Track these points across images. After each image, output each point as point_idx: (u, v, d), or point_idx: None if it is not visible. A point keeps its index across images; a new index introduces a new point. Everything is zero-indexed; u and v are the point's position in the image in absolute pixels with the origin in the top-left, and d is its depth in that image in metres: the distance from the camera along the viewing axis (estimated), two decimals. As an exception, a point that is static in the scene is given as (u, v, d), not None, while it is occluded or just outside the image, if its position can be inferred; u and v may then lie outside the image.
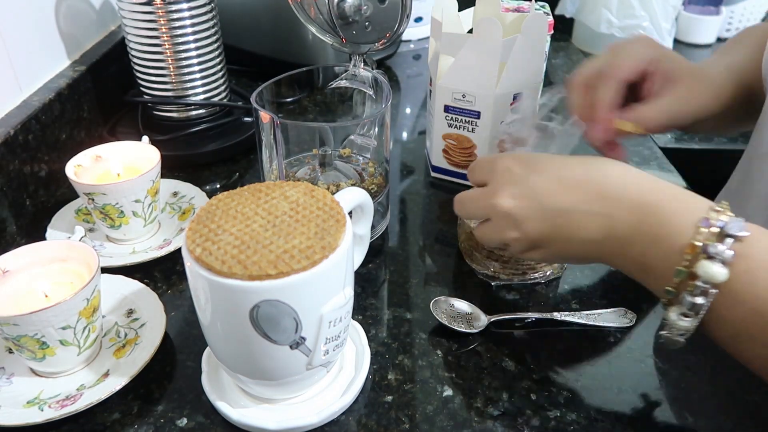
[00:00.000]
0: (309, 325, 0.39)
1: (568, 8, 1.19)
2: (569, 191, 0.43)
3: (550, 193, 0.43)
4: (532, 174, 0.44)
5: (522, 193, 0.44)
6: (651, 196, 0.41)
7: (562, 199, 0.43)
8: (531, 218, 0.44)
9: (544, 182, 0.43)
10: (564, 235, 0.43)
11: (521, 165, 0.45)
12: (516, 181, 0.44)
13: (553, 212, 0.43)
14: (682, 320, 0.39)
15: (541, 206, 0.43)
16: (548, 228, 0.43)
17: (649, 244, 0.40)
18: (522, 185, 0.44)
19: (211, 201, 0.42)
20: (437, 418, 0.45)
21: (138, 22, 0.70)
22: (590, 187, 0.42)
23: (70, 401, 0.44)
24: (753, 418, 0.45)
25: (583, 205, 0.42)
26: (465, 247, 0.59)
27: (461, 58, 0.63)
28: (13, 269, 0.47)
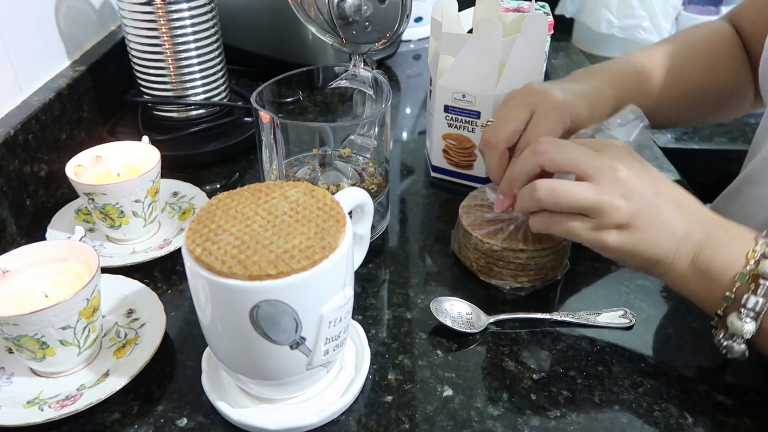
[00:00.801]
0: (309, 325, 0.39)
1: (568, 8, 1.19)
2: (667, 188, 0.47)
3: (656, 178, 0.47)
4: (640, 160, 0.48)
5: (637, 169, 0.46)
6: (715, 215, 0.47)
7: (666, 194, 0.46)
8: (641, 195, 0.45)
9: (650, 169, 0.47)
10: (656, 222, 0.46)
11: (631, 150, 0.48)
12: (633, 158, 0.47)
13: (656, 196, 0.46)
14: (744, 323, 0.43)
15: (649, 188, 0.46)
16: (650, 212, 0.46)
17: (716, 248, 0.45)
18: (636, 164, 0.47)
19: (211, 201, 0.42)
20: (437, 418, 0.45)
21: (138, 22, 0.70)
22: (679, 194, 0.47)
23: (70, 401, 0.44)
24: (752, 418, 0.45)
25: (674, 204, 0.46)
26: (481, 265, 0.56)
27: (461, 58, 0.63)
28: (13, 269, 0.47)
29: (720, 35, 0.68)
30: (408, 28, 1.04)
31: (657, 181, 0.47)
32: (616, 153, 0.47)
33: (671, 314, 0.54)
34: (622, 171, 0.46)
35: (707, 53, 0.66)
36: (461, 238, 0.58)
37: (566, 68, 1.07)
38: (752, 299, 0.42)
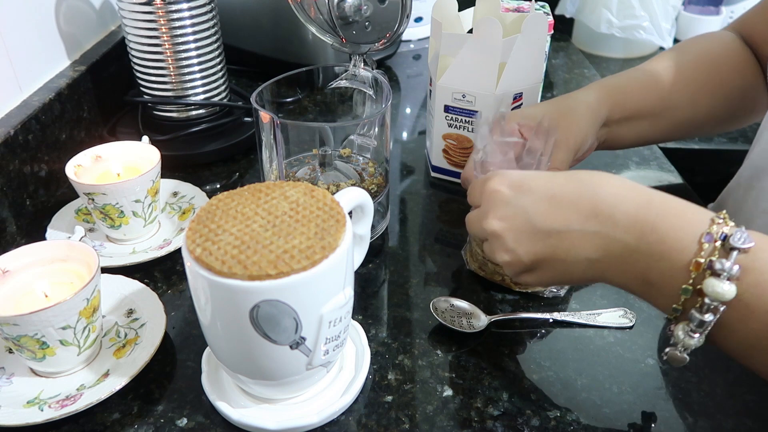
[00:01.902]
0: (309, 325, 0.39)
1: (568, 8, 1.19)
2: (561, 210, 0.41)
3: (541, 213, 0.41)
4: (521, 194, 0.42)
5: (511, 214, 0.43)
6: (647, 212, 0.39)
7: (554, 219, 0.41)
8: (522, 240, 0.42)
9: (534, 202, 0.42)
10: (559, 257, 0.42)
11: (510, 185, 0.43)
12: (505, 202, 0.43)
13: (545, 233, 0.41)
14: (689, 337, 0.38)
15: (532, 227, 0.42)
16: (541, 249, 0.42)
17: (650, 262, 0.39)
18: (511, 206, 0.43)
19: (211, 201, 0.42)
20: (437, 418, 0.45)
21: (138, 22, 0.70)
22: (583, 205, 0.40)
23: (70, 401, 0.44)
24: (752, 418, 0.45)
25: (576, 225, 0.40)
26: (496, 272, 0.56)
27: (461, 58, 0.63)
28: (13, 269, 0.47)
29: (723, 43, 0.67)
30: (408, 28, 1.05)
31: (543, 207, 0.41)
32: (487, 203, 0.44)
33: (671, 314, 0.54)
34: (492, 224, 0.43)
35: (709, 59, 0.66)
36: (482, 255, 0.55)
37: (566, 68, 1.07)
38: (697, 316, 0.37)
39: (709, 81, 0.65)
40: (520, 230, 0.42)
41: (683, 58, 0.66)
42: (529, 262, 0.43)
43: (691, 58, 0.66)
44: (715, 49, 0.67)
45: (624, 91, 0.63)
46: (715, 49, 0.67)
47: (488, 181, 0.45)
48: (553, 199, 0.41)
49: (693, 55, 0.66)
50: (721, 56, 0.66)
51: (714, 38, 0.68)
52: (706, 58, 0.66)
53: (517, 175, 0.44)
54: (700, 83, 0.65)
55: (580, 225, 0.40)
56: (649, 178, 0.75)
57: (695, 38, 0.70)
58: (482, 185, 0.46)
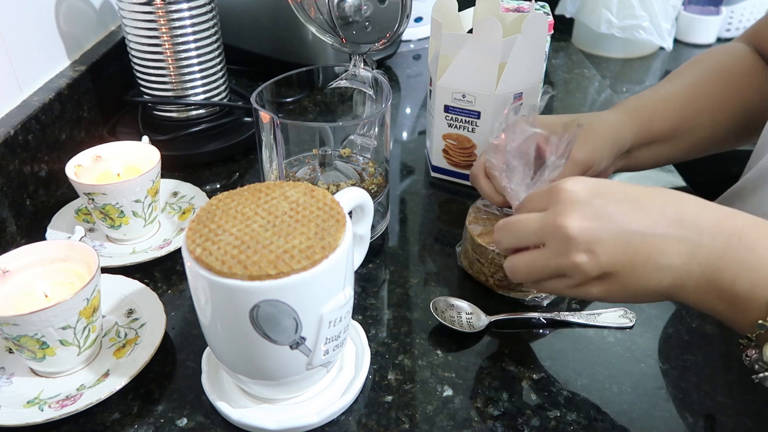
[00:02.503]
0: (309, 325, 0.39)
1: (568, 8, 1.19)
2: (646, 212, 0.39)
3: (626, 213, 0.39)
4: (599, 196, 0.40)
5: (593, 213, 0.39)
6: (733, 220, 0.37)
7: (638, 221, 0.38)
8: (605, 240, 0.39)
9: (617, 203, 0.39)
10: (640, 261, 0.38)
11: (586, 187, 0.40)
12: (585, 202, 0.40)
13: (629, 234, 0.38)
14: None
15: (616, 227, 0.38)
16: (622, 252, 0.39)
17: (739, 271, 0.36)
18: (592, 206, 0.39)
19: (211, 201, 0.42)
20: (437, 418, 0.45)
21: (138, 22, 0.70)
22: (666, 210, 0.38)
23: (70, 401, 0.44)
24: (752, 418, 0.45)
25: (661, 228, 0.38)
26: (498, 279, 0.54)
27: (461, 58, 0.63)
28: (13, 269, 0.47)
29: (737, 56, 0.67)
30: (408, 28, 1.05)
31: (625, 208, 0.39)
32: (562, 204, 0.40)
33: (671, 314, 0.54)
34: (571, 223, 0.39)
35: (726, 73, 0.65)
36: (473, 253, 0.56)
37: (566, 68, 1.07)
38: None
39: (727, 97, 0.64)
40: (602, 230, 0.39)
41: (701, 75, 0.65)
42: (607, 265, 0.39)
43: (708, 74, 0.65)
44: (730, 64, 0.66)
45: (649, 116, 0.62)
46: (730, 63, 0.66)
47: (561, 183, 0.41)
48: (638, 201, 0.39)
49: (710, 72, 0.66)
50: (738, 70, 0.65)
51: (728, 52, 0.68)
52: (723, 74, 0.65)
53: (593, 179, 0.41)
54: (719, 100, 0.64)
55: (665, 229, 0.38)
56: (650, 178, 0.75)
57: (710, 53, 0.69)
58: (550, 189, 0.42)
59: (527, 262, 0.43)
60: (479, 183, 0.59)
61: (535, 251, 0.42)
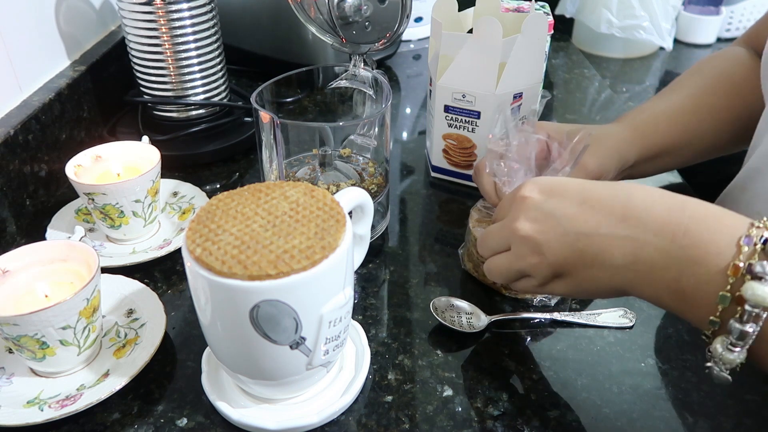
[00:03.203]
0: (309, 325, 0.39)
1: (568, 8, 1.19)
2: (591, 213, 0.40)
3: (571, 216, 0.40)
4: (552, 198, 0.42)
5: (541, 217, 0.41)
6: (681, 215, 0.37)
7: (583, 222, 0.40)
8: (551, 242, 0.41)
9: (564, 205, 0.41)
10: (587, 261, 0.40)
11: (540, 190, 0.43)
12: (536, 206, 0.42)
13: (574, 235, 0.40)
14: (729, 351, 0.35)
15: (562, 229, 0.40)
16: (569, 252, 0.40)
17: (683, 268, 0.36)
18: (541, 210, 0.42)
19: (211, 201, 0.42)
20: (437, 418, 0.45)
21: (138, 22, 0.70)
22: (614, 209, 0.39)
23: (70, 401, 0.44)
24: (752, 418, 0.45)
25: (605, 228, 0.39)
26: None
27: (461, 58, 0.63)
28: (13, 269, 0.47)
29: (737, 61, 0.66)
30: (408, 28, 1.05)
31: (573, 210, 0.40)
32: (516, 208, 0.43)
33: (671, 314, 0.54)
34: (522, 227, 0.42)
35: (727, 81, 0.65)
36: (478, 257, 0.55)
37: (566, 68, 1.07)
38: (737, 327, 0.34)
39: (730, 106, 0.63)
40: (549, 233, 0.41)
41: (703, 84, 0.65)
42: (557, 266, 0.41)
43: (710, 83, 0.65)
44: (731, 70, 0.66)
45: (653, 131, 0.61)
46: (731, 69, 0.66)
47: (519, 189, 0.44)
48: (585, 202, 0.40)
49: (712, 80, 0.65)
50: (739, 77, 0.65)
51: (729, 57, 0.67)
52: (725, 82, 0.65)
53: (549, 180, 0.43)
54: (722, 110, 0.63)
55: (610, 229, 0.39)
56: (650, 178, 0.75)
57: (711, 60, 0.69)
58: (513, 194, 0.45)
59: (497, 265, 0.46)
60: (481, 179, 0.59)
61: (503, 254, 0.45)
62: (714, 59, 0.69)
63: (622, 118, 0.64)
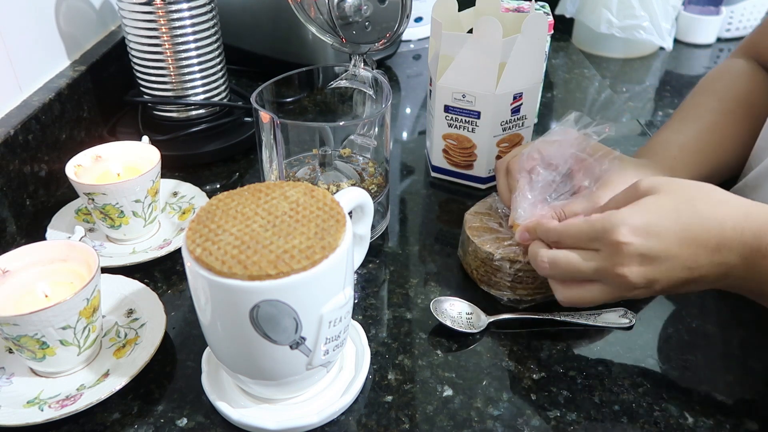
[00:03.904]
0: (309, 325, 0.39)
1: (568, 8, 1.19)
2: (691, 250, 0.43)
3: (674, 256, 0.43)
4: (650, 239, 0.43)
5: (647, 261, 0.43)
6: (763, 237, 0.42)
7: (685, 259, 0.43)
8: (659, 279, 0.44)
9: (665, 246, 0.43)
10: (687, 284, 0.45)
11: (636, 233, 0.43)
12: (637, 251, 0.43)
13: (677, 271, 0.44)
14: None
15: (667, 269, 0.44)
16: (674, 283, 0.44)
17: (763, 281, 0.43)
18: (645, 254, 0.43)
19: (211, 201, 0.42)
20: (437, 418, 0.45)
21: (138, 22, 0.70)
22: (709, 242, 0.43)
23: (70, 401, 0.44)
24: (752, 418, 0.45)
25: (704, 260, 0.43)
26: (481, 273, 0.55)
27: (461, 58, 0.63)
28: (13, 269, 0.47)
29: (746, 76, 0.65)
30: (408, 28, 1.05)
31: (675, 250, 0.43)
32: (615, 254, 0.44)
33: (671, 314, 0.54)
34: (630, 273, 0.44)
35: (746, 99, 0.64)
36: (464, 244, 0.57)
37: (566, 68, 1.07)
38: None
39: (751, 128, 0.62)
40: (656, 272, 0.44)
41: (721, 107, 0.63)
42: (660, 292, 0.46)
43: (729, 107, 0.63)
44: (746, 87, 0.65)
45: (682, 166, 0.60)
46: (746, 87, 0.65)
47: (611, 233, 0.44)
48: (684, 240, 0.43)
49: (730, 103, 0.64)
50: (755, 95, 0.64)
51: (737, 73, 0.66)
52: (743, 102, 0.64)
53: (642, 221, 0.44)
54: (744, 133, 0.62)
55: (707, 260, 0.44)
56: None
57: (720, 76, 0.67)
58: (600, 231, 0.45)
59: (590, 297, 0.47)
60: (501, 179, 0.59)
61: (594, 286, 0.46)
62: (722, 77, 0.67)
63: (644, 153, 0.62)
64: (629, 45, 1.14)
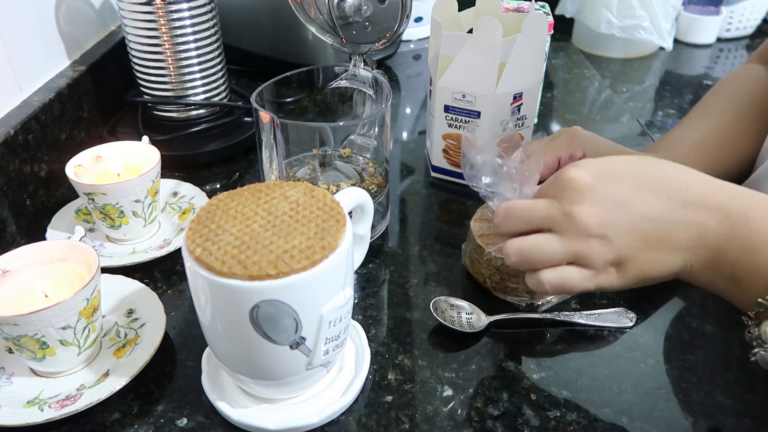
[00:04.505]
0: (309, 325, 0.39)
1: (568, 8, 1.19)
2: (652, 197, 0.39)
3: (631, 200, 0.39)
4: (606, 182, 0.40)
5: (602, 200, 0.39)
6: (740, 201, 0.38)
7: (649, 206, 0.39)
8: (616, 227, 0.39)
9: (623, 190, 0.40)
10: (651, 245, 0.40)
11: (591, 173, 0.40)
12: (590, 189, 0.40)
13: (638, 220, 0.39)
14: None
15: (625, 213, 0.39)
16: (635, 237, 0.40)
17: (741, 254, 0.38)
18: (599, 193, 0.40)
19: (211, 201, 0.42)
20: (437, 418, 0.45)
21: (138, 22, 0.70)
22: (674, 194, 0.39)
23: (70, 401, 0.44)
24: (753, 418, 0.45)
25: (670, 214, 0.39)
26: (495, 281, 0.54)
27: (461, 58, 0.63)
28: (13, 269, 0.47)
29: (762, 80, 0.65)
30: (408, 28, 1.05)
31: (632, 194, 0.40)
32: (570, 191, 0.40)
33: (671, 314, 0.54)
34: (580, 212, 0.39)
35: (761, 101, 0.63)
36: (473, 253, 0.56)
37: (566, 68, 1.07)
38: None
39: (764, 130, 0.61)
40: (612, 218, 0.39)
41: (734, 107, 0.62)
42: (621, 251, 0.40)
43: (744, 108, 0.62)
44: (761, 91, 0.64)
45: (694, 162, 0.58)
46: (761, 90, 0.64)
47: (563, 171, 0.41)
48: (645, 186, 0.40)
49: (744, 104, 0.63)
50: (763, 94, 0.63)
51: (753, 77, 0.66)
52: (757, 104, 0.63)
53: (596, 162, 0.41)
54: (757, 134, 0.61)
55: (674, 214, 0.39)
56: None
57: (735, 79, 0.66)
58: (553, 177, 0.42)
59: (538, 246, 0.42)
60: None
61: (546, 235, 0.42)
62: (738, 79, 0.67)
63: (657, 148, 0.61)
64: (629, 45, 1.14)
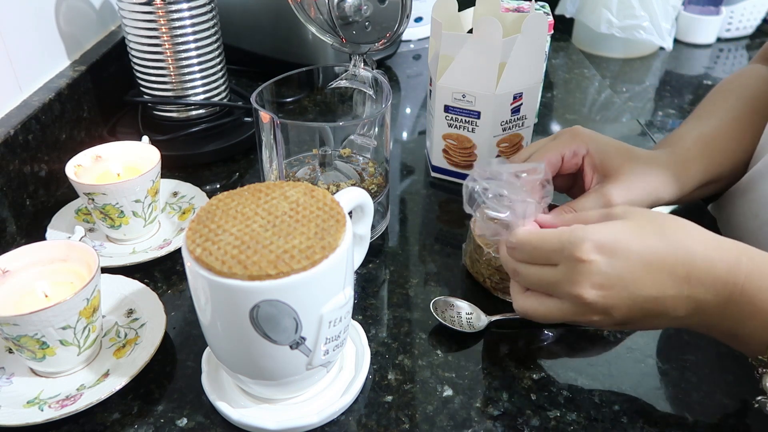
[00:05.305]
0: (309, 325, 0.39)
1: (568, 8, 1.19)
2: (656, 275, 0.41)
3: (637, 280, 0.42)
4: (614, 259, 0.42)
5: (607, 281, 0.42)
6: (737, 273, 0.41)
7: (650, 286, 0.41)
8: (618, 306, 0.42)
9: (629, 269, 0.42)
10: (651, 316, 0.43)
11: (600, 251, 0.42)
12: (599, 270, 0.42)
13: (641, 299, 0.42)
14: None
15: (628, 294, 0.42)
16: (636, 313, 0.42)
17: (738, 320, 0.41)
18: (606, 274, 0.42)
19: (211, 201, 0.42)
20: (437, 418, 0.45)
21: (138, 22, 0.70)
22: (677, 270, 0.41)
23: (70, 401, 0.44)
24: (753, 418, 0.45)
25: (670, 290, 0.41)
26: (495, 281, 0.54)
27: (461, 58, 0.63)
28: (13, 269, 0.47)
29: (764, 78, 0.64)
30: (408, 28, 1.05)
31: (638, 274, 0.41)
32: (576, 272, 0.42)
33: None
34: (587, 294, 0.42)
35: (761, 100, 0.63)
36: (473, 253, 0.56)
37: (566, 68, 1.07)
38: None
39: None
40: (616, 297, 0.42)
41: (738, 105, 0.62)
42: (620, 321, 0.43)
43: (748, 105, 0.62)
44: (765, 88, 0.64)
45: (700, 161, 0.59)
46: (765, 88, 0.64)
47: (575, 248, 0.42)
48: (650, 265, 0.41)
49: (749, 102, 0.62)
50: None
51: (757, 76, 0.65)
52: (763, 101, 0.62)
53: (606, 239, 0.42)
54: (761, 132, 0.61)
55: (675, 290, 0.41)
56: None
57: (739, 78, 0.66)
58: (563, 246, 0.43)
59: (543, 311, 0.45)
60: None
61: (553, 302, 0.45)
62: (742, 78, 0.67)
63: (661, 145, 0.61)
64: (629, 45, 1.14)
